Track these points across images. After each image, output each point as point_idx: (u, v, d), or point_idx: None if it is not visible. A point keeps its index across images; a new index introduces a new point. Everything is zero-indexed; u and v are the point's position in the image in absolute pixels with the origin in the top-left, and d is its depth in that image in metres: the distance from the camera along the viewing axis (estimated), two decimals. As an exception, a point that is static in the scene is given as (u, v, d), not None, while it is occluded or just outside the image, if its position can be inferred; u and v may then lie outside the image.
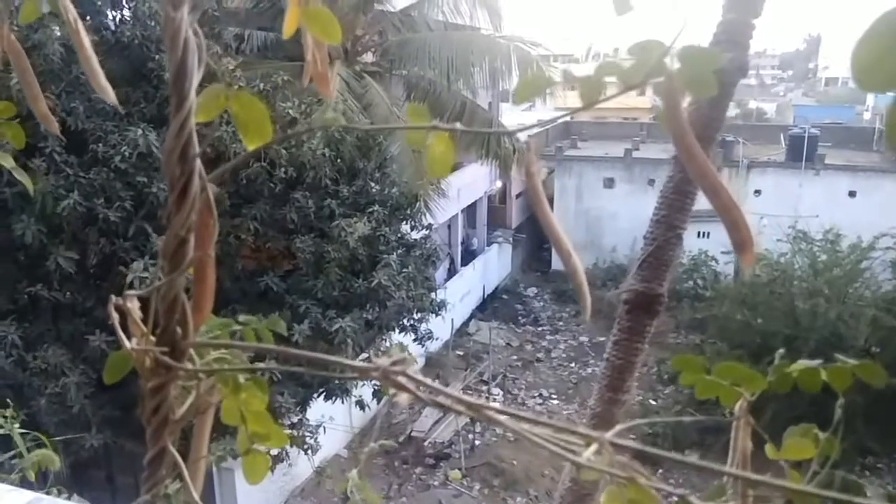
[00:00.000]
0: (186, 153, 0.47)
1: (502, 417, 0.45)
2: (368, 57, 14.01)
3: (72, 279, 7.15)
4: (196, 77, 0.47)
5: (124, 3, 8.00)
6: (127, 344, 0.53)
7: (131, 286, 6.96)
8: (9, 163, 0.87)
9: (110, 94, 0.73)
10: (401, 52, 13.38)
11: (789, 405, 8.97)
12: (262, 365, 0.57)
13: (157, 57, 7.58)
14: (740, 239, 0.54)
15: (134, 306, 0.54)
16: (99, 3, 7.74)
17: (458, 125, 0.55)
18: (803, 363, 0.70)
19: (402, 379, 0.43)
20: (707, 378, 0.69)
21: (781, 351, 0.74)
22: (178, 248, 0.48)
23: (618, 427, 0.44)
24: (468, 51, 13.26)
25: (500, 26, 14.47)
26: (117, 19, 8.05)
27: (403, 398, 0.45)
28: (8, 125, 0.86)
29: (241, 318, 0.67)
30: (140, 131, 7.05)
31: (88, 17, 7.68)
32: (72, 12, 0.71)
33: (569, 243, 0.59)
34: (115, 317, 0.53)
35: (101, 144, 7.11)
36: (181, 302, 0.49)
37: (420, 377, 0.44)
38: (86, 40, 0.70)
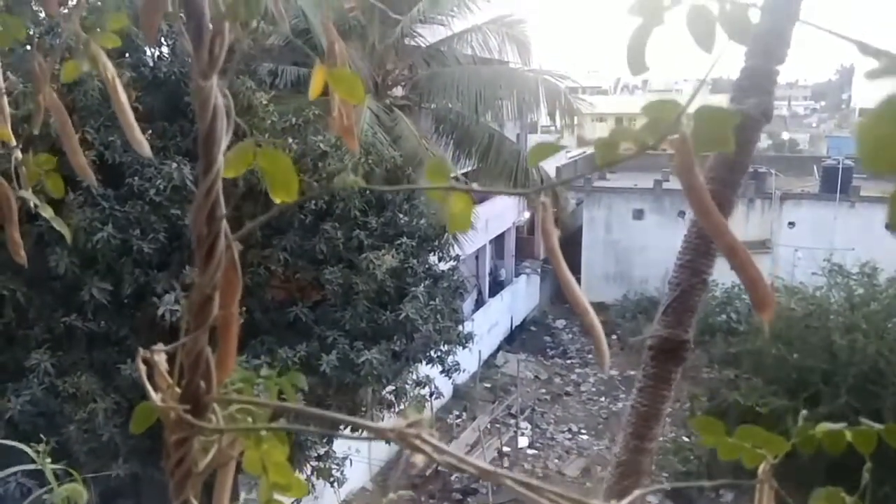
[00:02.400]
0: (214, 213, 0.49)
1: (517, 486, 0.44)
2: (398, 91, 14.23)
3: (106, 309, 7.29)
4: (224, 141, 0.49)
5: (162, 40, 8.25)
6: (153, 396, 0.54)
7: (163, 317, 7.07)
8: (48, 213, 0.90)
9: (145, 148, 0.75)
10: (430, 86, 13.56)
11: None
12: (281, 425, 0.57)
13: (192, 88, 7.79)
14: (758, 298, 0.54)
15: (160, 359, 0.56)
16: (137, 40, 8.00)
17: (475, 186, 0.56)
18: (827, 426, 0.68)
19: (418, 442, 0.43)
20: (729, 441, 0.67)
21: (804, 412, 0.72)
22: (203, 306, 0.49)
23: (636, 493, 0.43)
24: (496, 84, 13.39)
25: (529, 60, 14.61)
26: (155, 56, 8.31)
27: (419, 458, 0.45)
28: (48, 176, 0.90)
29: (263, 372, 0.68)
30: (175, 165, 7.22)
31: (127, 54, 7.94)
32: (110, 70, 0.74)
33: (586, 301, 0.59)
34: (143, 368, 0.55)
35: (136, 178, 7.29)
36: (205, 358, 0.50)
37: (436, 441, 0.44)
38: (122, 96, 0.73)
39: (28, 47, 6.16)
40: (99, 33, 0.72)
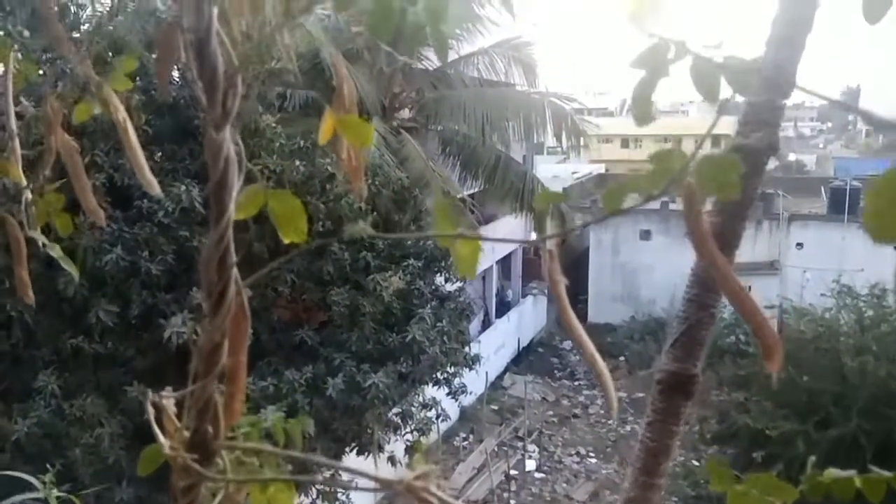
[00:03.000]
0: (224, 261, 0.50)
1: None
2: (405, 113, 14.33)
3: (113, 330, 7.30)
4: (235, 190, 0.49)
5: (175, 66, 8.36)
6: (161, 441, 0.54)
7: (170, 339, 7.08)
8: (56, 252, 0.91)
9: (155, 188, 0.76)
10: (437, 108, 13.66)
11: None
12: (285, 476, 0.57)
13: (202, 116, 7.87)
14: (766, 347, 0.54)
15: (169, 403, 0.56)
16: (148, 65, 8.10)
17: (482, 233, 0.56)
18: (835, 472, 0.67)
19: (426, 495, 0.43)
20: (737, 488, 0.67)
21: (812, 458, 0.71)
22: (212, 353, 0.50)
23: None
24: (503, 106, 13.48)
25: (535, 82, 14.71)
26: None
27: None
28: (57, 215, 0.91)
29: (271, 416, 0.69)
30: (184, 187, 7.27)
31: (138, 78, 8.04)
32: (121, 112, 0.75)
33: (593, 348, 0.59)
34: (152, 411, 0.55)
35: (145, 200, 7.34)
36: (213, 404, 0.50)
37: (443, 495, 0.44)
38: (133, 138, 0.74)
39: (41, 72, 6.26)
40: (111, 77, 0.74)
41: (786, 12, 0.97)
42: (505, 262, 22.64)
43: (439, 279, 10.10)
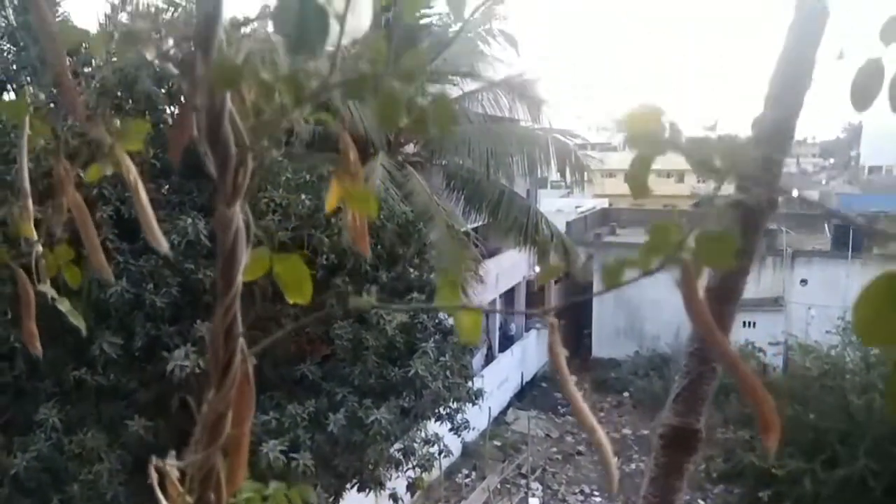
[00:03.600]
0: (231, 332, 0.51)
1: None
2: (410, 147, 14.46)
3: (116, 363, 7.29)
4: (243, 263, 0.51)
5: (182, 98, 8.49)
6: (164, 505, 0.55)
7: (172, 372, 7.06)
8: (65, 306, 0.93)
9: (163, 245, 0.78)
10: (441, 143, 13.79)
11: None
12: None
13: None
14: (764, 419, 0.54)
15: (172, 470, 0.57)
16: (156, 99, 8.22)
17: (485, 306, 0.57)
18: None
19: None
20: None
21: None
22: (216, 423, 0.50)
23: None
24: (507, 141, 13.60)
25: (539, 118, 14.87)
26: (175, 114, 8.54)
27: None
28: (67, 267, 0.92)
29: (273, 486, 0.69)
30: (190, 220, 7.32)
31: (147, 113, 8.15)
32: (133, 173, 0.77)
33: (594, 420, 0.60)
34: (155, 477, 0.55)
35: (152, 232, 7.38)
36: (216, 473, 0.51)
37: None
38: (144, 196, 0.76)
39: (52, 105, 6.36)
40: (124, 138, 0.76)
41: (783, 72, 0.99)
42: (508, 296, 22.59)
43: (442, 313, 10.08)
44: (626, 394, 21.94)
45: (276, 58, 0.48)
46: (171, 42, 0.63)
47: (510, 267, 20.16)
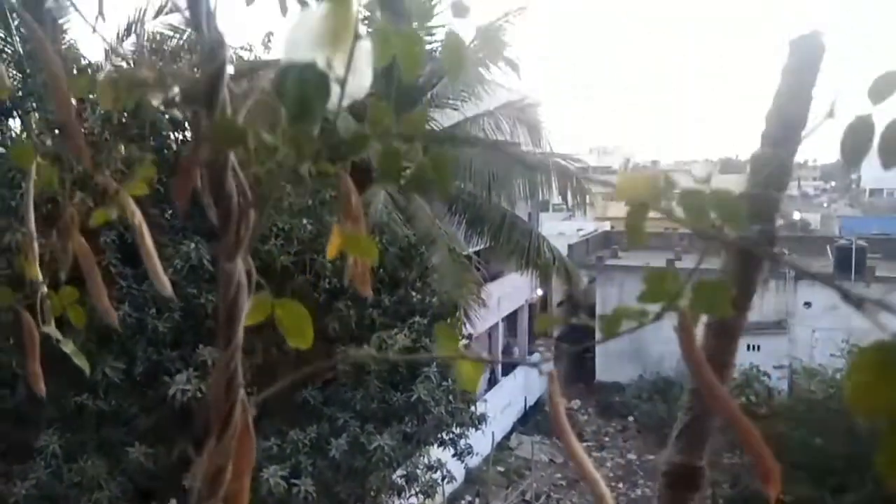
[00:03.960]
0: (232, 384, 0.51)
1: None
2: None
3: (118, 388, 7.27)
4: (244, 317, 0.51)
5: (186, 125, 8.57)
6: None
7: (174, 397, 7.03)
8: (69, 348, 0.94)
9: (167, 288, 0.79)
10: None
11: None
12: None
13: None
14: (763, 468, 0.55)
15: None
16: (160, 125, 8.30)
17: (484, 355, 0.58)
18: None
19: None
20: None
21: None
22: (216, 476, 0.51)
23: None
24: (508, 165, 13.66)
25: (540, 142, 14.95)
26: (179, 140, 8.60)
27: None
28: (72, 308, 0.94)
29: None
30: (193, 245, 7.34)
31: (152, 139, 8.22)
32: (138, 217, 0.78)
33: (594, 470, 0.60)
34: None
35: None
36: (217, 523, 0.51)
37: None
38: (149, 241, 0.77)
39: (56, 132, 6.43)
40: (130, 184, 0.77)
41: (780, 111, 1.00)
42: (511, 319, 22.53)
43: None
44: (630, 418, 21.76)
45: (278, 109, 0.49)
46: (176, 90, 0.64)
47: (512, 290, 20.12)
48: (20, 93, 8.40)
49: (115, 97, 0.63)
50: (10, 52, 8.64)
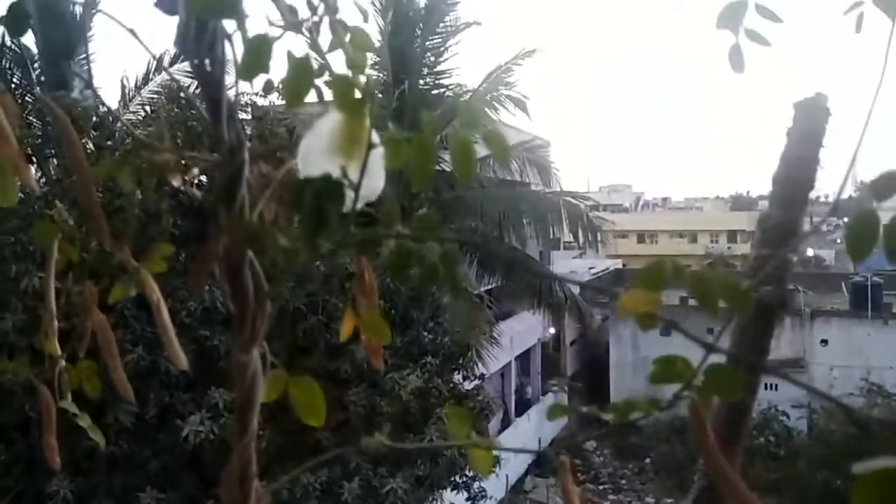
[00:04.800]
0: (246, 474, 0.52)
1: None
2: (423, 211, 14.62)
3: (129, 431, 7.24)
4: (259, 408, 0.52)
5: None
6: None
7: (186, 439, 7.00)
8: (86, 422, 0.95)
9: (182, 362, 0.80)
10: (454, 207, 13.95)
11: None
12: None
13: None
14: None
15: None
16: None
17: (498, 441, 0.59)
18: None
19: None
20: None
21: None
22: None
23: None
24: (519, 205, 13.73)
25: (550, 182, 15.05)
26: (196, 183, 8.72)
27: None
28: (89, 378, 0.95)
29: None
30: (207, 287, 7.39)
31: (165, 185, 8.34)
32: (156, 293, 0.80)
33: None
34: None
35: (170, 300, 7.43)
36: None
37: None
38: (166, 316, 0.79)
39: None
40: (149, 262, 0.79)
41: (787, 173, 1.01)
42: (524, 359, 22.34)
43: (457, 377, 9.98)
44: (647, 460, 21.35)
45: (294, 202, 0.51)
46: (195, 171, 0.67)
47: (524, 329, 20.00)
48: (40, 139, 8.59)
49: (137, 180, 0.65)
50: (30, 100, 8.86)
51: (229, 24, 0.49)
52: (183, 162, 0.60)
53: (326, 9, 0.50)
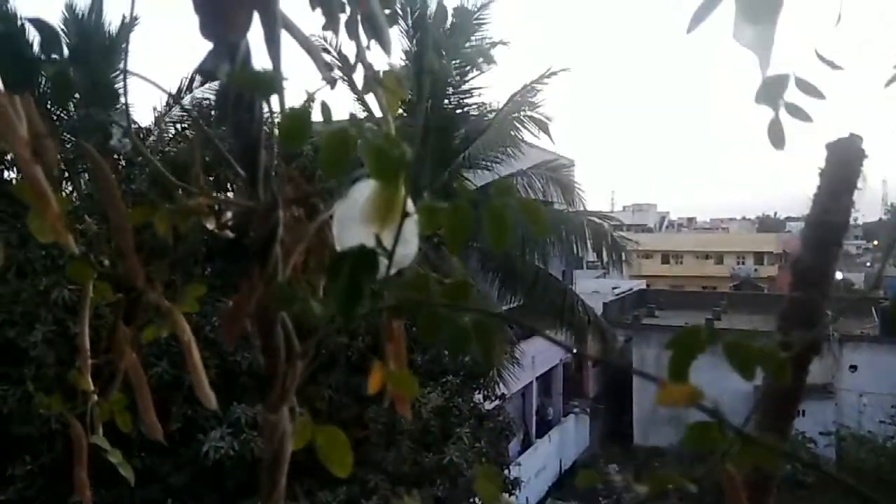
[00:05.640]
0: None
1: None
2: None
3: (151, 445, 7.30)
4: (286, 464, 0.53)
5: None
6: None
7: (207, 454, 7.04)
8: (117, 458, 0.97)
9: (212, 402, 0.81)
10: (476, 226, 13.94)
11: None
12: None
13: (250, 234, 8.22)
14: None
15: None
16: (207, 186, 8.54)
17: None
18: None
19: None
20: None
21: None
22: None
23: None
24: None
25: (573, 201, 15.00)
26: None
27: None
28: (119, 413, 0.97)
29: None
30: (231, 303, 7.45)
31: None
32: (187, 333, 0.81)
33: None
34: None
35: (195, 315, 7.52)
36: None
37: None
38: (196, 356, 0.80)
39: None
40: (181, 303, 0.81)
41: (819, 217, 1.00)
42: (545, 379, 22.16)
43: (478, 396, 9.93)
44: (670, 486, 20.96)
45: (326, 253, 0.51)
46: (228, 215, 0.68)
47: (546, 349, 19.86)
48: (72, 155, 8.79)
49: (172, 224, 0.66)
50: (65, 117, 9.07)
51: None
52: (216, 207, 0.61)
53: (364, 67, 0.51)
